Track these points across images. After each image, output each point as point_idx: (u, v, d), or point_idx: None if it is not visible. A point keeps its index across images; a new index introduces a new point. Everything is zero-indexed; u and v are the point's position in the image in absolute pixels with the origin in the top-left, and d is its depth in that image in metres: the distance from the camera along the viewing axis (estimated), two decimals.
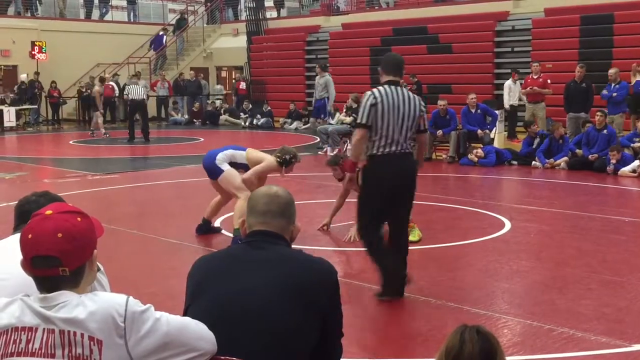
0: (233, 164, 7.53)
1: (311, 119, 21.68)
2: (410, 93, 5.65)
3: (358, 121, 5.51)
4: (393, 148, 5.47)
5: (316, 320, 2.44)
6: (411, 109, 5.51)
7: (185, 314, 2.43)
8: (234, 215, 7.38)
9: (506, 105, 17.04)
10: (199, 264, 2.62)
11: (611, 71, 14.55)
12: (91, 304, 2.05)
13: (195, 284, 2.54)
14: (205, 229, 7.96)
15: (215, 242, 7.64)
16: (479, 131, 14.43)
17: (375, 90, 5.50)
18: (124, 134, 19.64)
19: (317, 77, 19.74)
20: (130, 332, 2.04)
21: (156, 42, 28.31)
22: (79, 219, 2.13)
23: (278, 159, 7.49)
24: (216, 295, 2.46)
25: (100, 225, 2.24)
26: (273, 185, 2.73)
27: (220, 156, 7.54)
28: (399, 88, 5.54)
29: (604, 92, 14.48)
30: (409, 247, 7.39)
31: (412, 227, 7.63)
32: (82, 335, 2.01)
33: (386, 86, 5.51)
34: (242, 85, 26.03)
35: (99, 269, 2.54)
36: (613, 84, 14.41)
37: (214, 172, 7.54)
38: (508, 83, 17.36)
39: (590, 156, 12.68)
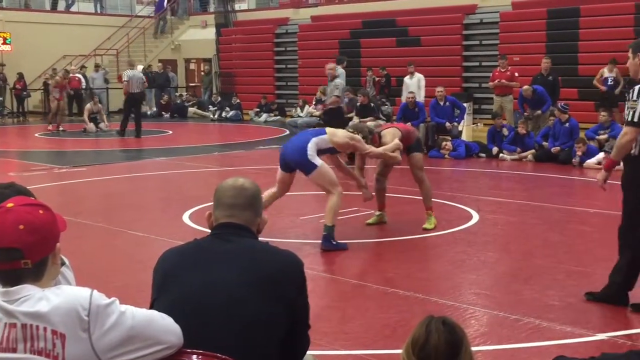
0: (318, 152, 7.10)
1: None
2: None
3: (633, 119, 4.95)
4: None
5: (283, 312, 2.44)
6: None
7: (151, 308, 2.40)
8: (328, 212, 6.94)
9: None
10: (165, 257, 2.59)
11: None
12: (54, 298, 2.03)
13: (162, 277, 2.52)
14: None
15: (183, 235, 7.59)
16: (447, 124, 14.53)
17: None
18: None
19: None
20: (95, 325, 2.02)
21: (157, 5, 28.45)
22: (41, 211, 2.11)
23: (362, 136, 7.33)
24: (183, 288, 2.44)
25: (63, 220, 2.22)
26: (239, 177, 2.72)
27: (311, 146, 6.97)
28: None
29: None
30: (380, 240, 7.46)
31: (430, 214, 7.85)
32: (45, 329, 1.99)
33: None
34: None
35: (63, 263, 2.51)
36: None
37: (306, 167, 6.98)
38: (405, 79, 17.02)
39: (552, 149, 12.86)
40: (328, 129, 7.32)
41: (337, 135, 7.20)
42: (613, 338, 4.62)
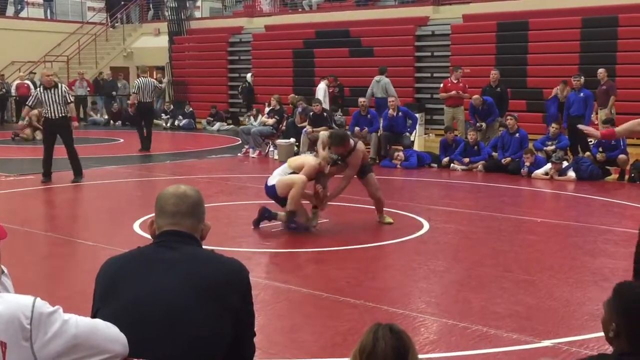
0: None
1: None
2: None
3: None
4: None
5: (228, 319, 2.43)
6: None
7: (94, 317, 2.37)
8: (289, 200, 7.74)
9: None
10: (108, 265, 2.56)
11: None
12: None
13: (105, 286, 2.49)
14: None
15: (132, 244, 7.49)
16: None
17: None
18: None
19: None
20: (37, 334, 1.99)
21: None
22: None
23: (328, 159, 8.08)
24: (126, 297, 2.41)
25: (2, 228, 2.17)
26: (181, 184, 2.70)
27: (272, 178, 7.94)
28: None
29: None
30: (331, 249, 7.48)
31: (382, 214, 8.36)
32: None
33: None
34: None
35: (2, 272, 2.46)
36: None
37: (274, 194, 7.94)
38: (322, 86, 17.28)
39: (503, 160, 13.08)
40: (289, 159, 8.35)
41: (294, 162, 8.11)
42: (557, 345, 4.71)
